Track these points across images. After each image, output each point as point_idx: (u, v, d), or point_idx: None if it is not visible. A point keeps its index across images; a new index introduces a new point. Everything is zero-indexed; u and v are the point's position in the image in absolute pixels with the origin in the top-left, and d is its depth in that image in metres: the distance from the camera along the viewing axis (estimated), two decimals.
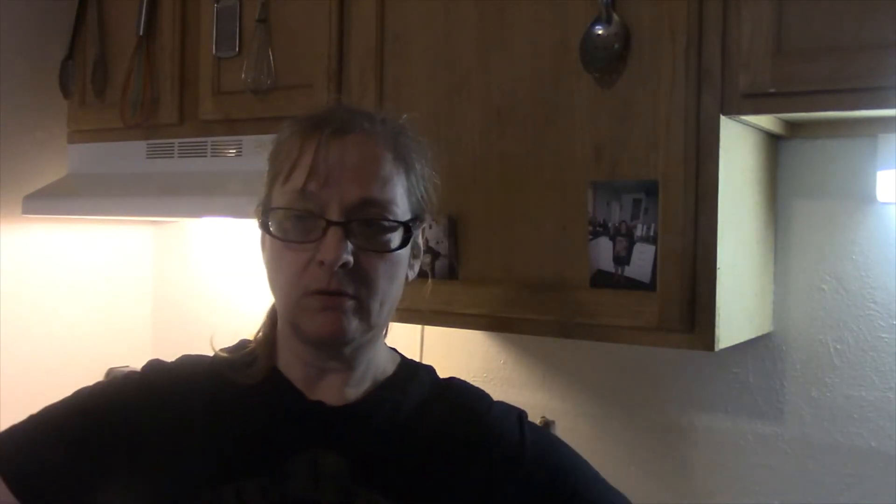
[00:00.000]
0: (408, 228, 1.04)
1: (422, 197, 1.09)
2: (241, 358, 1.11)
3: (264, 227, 1.05)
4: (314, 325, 1.02)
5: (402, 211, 1.05)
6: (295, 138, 1.05)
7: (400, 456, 1.06)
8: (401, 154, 1.06)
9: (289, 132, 1.07)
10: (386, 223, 1.03)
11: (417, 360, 1.91)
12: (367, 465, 1.04)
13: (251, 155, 1.82)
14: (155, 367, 1.17)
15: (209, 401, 1.08)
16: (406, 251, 1.07)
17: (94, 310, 2.36)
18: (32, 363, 2.22)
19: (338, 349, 1.05)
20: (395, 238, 1.04)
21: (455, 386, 1.17)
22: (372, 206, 1.02)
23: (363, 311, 1.02)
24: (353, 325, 1.02)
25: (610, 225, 1.40)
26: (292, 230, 1.03)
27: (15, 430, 1.12)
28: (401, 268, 1.07)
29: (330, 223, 1.00)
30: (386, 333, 1.16)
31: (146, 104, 1.97)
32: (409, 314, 1.55)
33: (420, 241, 1.13)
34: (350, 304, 1.01)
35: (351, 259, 0.99)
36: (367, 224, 1.02)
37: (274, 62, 1.78)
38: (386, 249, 1.03)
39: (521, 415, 1.17)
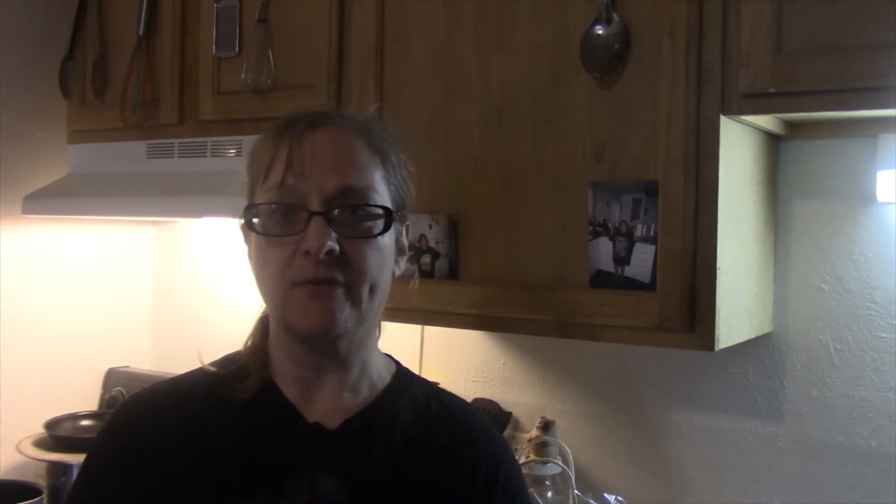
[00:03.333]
0: (389, 213, 1.04)
1: (400, 187, 1.09)
2: (233, 372, 1.09)
3: (248, 225, 1.06)
4: (305, 318, 1.01)
5: (382, 198, 1.05)
6: (268, 141, 1.06)
7: (396, 477, 1.06)
8: (374, 144, 1.07)
9: (263, 137, 1.08)
10: (367, 209, 1.03)
11: (418, 359, 1.94)
12: (365, 488, 1.04)
13: None
14: (122, 411, 1.14)
15: (202, 419, 1.06)
16: (391, 241, 1.07)
17: (94, 310, 2.36)
18: (32, 363, 2.22)
19: (331, 342, 1.04)
20: (378, 223, 1.04)
21: (445, 399, 1.17)
22: (351, 192, 1.02)
23: (353, 298, 1.02)
24: (345, 313, 1.01)
25: (610, 225, 1.40)
26: (275, 225, 1.03)
27: None
28: (387, 255, 1.06)
29: (312, 213, 1.00)
30: (379, 335, 1.15)
31: (146, 104, 1.97)
32: (410, 314, 1.55)
33: (405, 239, 1.13)
34: (339, 291, 1.00)
35: (336, 246, 0.99)
36: (349, 211, 1.02)
37: (274, 62, 1.78)
38: (369, 235, 1.03)
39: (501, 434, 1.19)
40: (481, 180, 1.53)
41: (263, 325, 1.12)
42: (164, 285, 2.49)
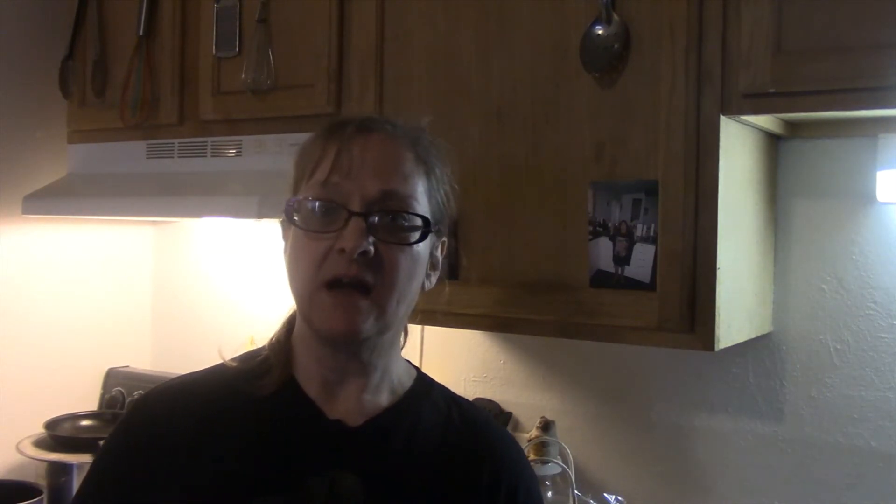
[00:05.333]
0: (427, 223, 1.05)
1: (441, 202, 1.10)
2: (255, 368, 1.10)
3: (289, 217, 1.06)
4: (328, 321, 1.02)
5: (423, 209, 1.06)
6: (318, 140, 1.07)
7: (416, 480, 1.06)
8: (421, 157, 1.08)
9: (313, 136, 1.09)
10: (406, 216, 1.04)
11: (418, 359, 1.94)
12: (384, 488, 1.04)
13: (251, 155, 1.82)
14: (140, 405, 1.13)
15: (222, 415, 1.07)
16: (425, 252, 1.07)
17: (94, 310, 2.36)
18: (32, 363, 2.22)
19: (354, 347, 1.05)
20: (415, 233, 1.04)
21: (465, 407, 1.18)
22: (393, 198, 1.03)
23: (379, 307, 1.02)
24: (368, 322, 1.02)
25: (610, 225, 1.40)
26: (314, 221, 1.04)
27: None
28: (419, 267, 1.07)
29: (351, 213, 1.01)
30: (404, 343, 1.16)
31: (146, 104, 1.97)
32: (410, 314, 1.55)
33: (439, 254, 1.13)
34: (365, 303, 1.01)
35: (371, 248, 1.00)
36: (388, 216, 1.03)
37: (274, 62, 1.78)
38: (405, 242, 1.04)
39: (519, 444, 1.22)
40: (481, 180, 1.53)
41: (289, 323, 1.13)
42: (164, 285, 2.49)
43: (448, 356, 1.96)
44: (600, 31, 1.40)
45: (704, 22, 1.33)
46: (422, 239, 1.05)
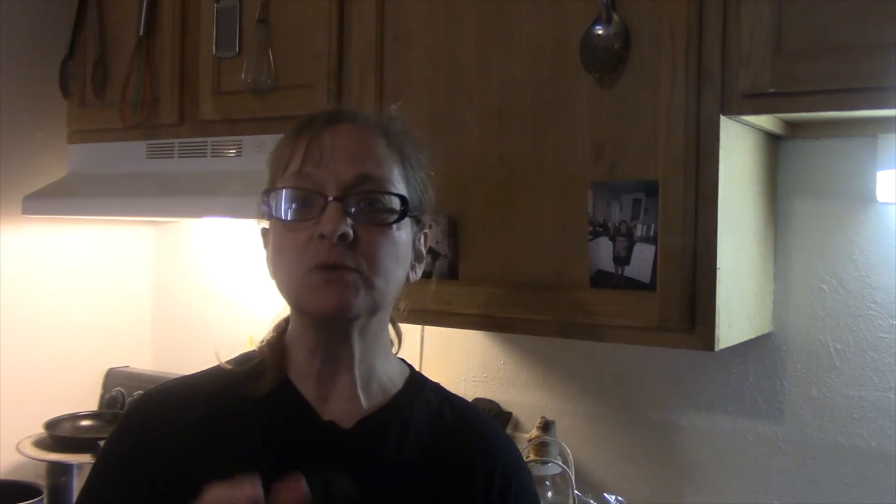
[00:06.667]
0: (405, 202, 1.05)
1: (419, 189, 1.10)
2: (249, 370, 1.10)
3: (265, 211, 1.07)
4: (319, 301, 1.02)
5: (400, 191, 1.06)
6: (289, 137, 1.08)
7: (410, 479, 1.07)
8: (394, 143, 1.08)
9: (284, 135, 1.11)
10: (383, 198, 1.04)
11: (418, 359, 1.94)
12: (378, 489, 1.04)
13: (251, 155, 1.82)
14: (137, 407, 1.14)
15: (217, 416, 1.07)
16: (407, 238, 1.08)
17: (94, 310, 2.36)
18: (32, 363, 2.22)
19: (345, 326, 1.05)
20: (394, 214, 1.05)
21: (459, 405, 1.18)
22: (368, 181, 1.04)
23: (367, 285, 1.03)
24: (359, 298, 1.02)
25: (610, 225, 1.40)
26: (293, 211, 1.05)
27: None
28: (401, 251, 1.07)
29: (328, 199, 1.02)
30: (399, 344, 1.16)
31: (146, 104, 1.97)
32: (410, 314, 1.55)
33: (422, 246, 1.13)
34: (353, 276, 1.02)
35: (350, 231, 1.01)
36: (365, 199, 1.03)
37: (274, 62, 1.78)
38: (384, 223, 1.04)
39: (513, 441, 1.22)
40: (481, 180, 1.53)
41: (280, 326, 1.14)
42: (165, 285, 2.49)
43: (448, 356, 1.96)
44: (600, 31, 1.40)
45: (704, 22, 1.33)
46: (400, 219, 1.05)
